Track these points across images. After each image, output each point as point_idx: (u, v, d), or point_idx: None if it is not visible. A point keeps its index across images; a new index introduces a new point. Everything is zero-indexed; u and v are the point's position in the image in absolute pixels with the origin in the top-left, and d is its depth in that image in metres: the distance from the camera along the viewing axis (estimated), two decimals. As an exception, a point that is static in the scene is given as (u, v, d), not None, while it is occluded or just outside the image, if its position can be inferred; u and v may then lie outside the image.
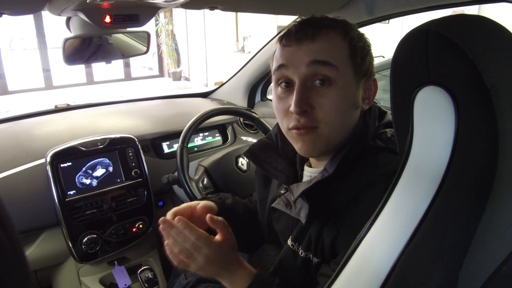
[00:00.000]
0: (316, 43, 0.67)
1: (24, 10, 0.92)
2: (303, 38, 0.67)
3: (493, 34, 0.46)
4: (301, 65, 0.67)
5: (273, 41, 1.59)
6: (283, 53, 0.70)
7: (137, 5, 0.91)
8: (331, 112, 0.67)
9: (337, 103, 0.67)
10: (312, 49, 0.66)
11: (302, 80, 0.67)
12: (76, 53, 1.09)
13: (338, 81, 0.66)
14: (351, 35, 0.69)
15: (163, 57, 8.51)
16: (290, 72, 0.69)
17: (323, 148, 0.71)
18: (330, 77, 0.66)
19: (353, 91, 0.69)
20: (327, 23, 0.69)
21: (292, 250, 0.77)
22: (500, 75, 0.43)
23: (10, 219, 0.30)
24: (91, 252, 1.19)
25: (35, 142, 1.29)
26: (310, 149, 0.71)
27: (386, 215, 0.52)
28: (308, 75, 0.67)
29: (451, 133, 0.45)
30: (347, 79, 0.68)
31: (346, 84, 0.68)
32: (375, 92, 0.74)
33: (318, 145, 0.70)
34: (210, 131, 1.62)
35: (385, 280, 0.49)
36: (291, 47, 0.69)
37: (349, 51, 0.68)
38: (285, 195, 0.79)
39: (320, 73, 0.66)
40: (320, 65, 0.66)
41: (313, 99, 0.67)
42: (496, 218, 0.44)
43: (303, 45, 0.67)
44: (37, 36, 6.94)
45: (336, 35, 0.68)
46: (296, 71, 0.68)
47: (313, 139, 0.69)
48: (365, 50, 0.71)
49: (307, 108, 0.67)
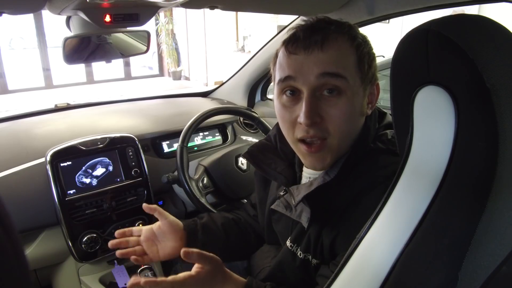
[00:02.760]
0: (325, 52, 0.65)
1: (24, 9, 0.91)
2: (312, 45, 0.65)
3: (493, 34, 0.46)
4: (310, 76, 0.65)
5: (273, 40, 1.59)
6: (289, 62, 0.67)
7: (137, 5, 0.91)
8: (341, 122, 0.66)
9: (346, 113, 0.66)
10: (322, 59, 0.64)
11: (312, 91, 0.65)
12: (76, 52, 1.09)
13: (347, 91, 0.65)
14: (358, 40, 0.68)
15: (163, 56, 8.50)
16: (298, 83, 0.67)
17: (332, 161, 0.70)
18: (340, 88, 0.65)
19: (361, 98, 0.68)
20: (335, 28, 0.67)
21: (291, 251, 0.77)
22: (500, 75, 0.43)
23: (10, 218, 0.30)
24: (91, 251, 1.19)
25: (35, 141, 1.29)
26: (320, 165, 0.70)
27: (386, 215, 0.52)
28: (317, 86, 0.65)
29: (451, 133, 0.45)
30: (355, 88, 0.67)
31: (355, 93, 0.66)
32: (377, 96, 0.73)
33: (327, 160, 0.69)
34: (210, 131, 1.62)
35: (385, 280, 0.49)
36: (299, 56, 0.66)
37: (357, 59, 0.67)
38: (284, 197, 0.79)
39: (330, 83, 0.65)
40: (330, 77, 0.64)
41: (323, 110, 0.66)
42: (496, 218, 0.44)
43: (311, 54, 0.65)
44: (37, 35, 6.93)
45: (344, 41, 0.66)
46: (305, 82, 0.66)
47: (323, 155, 0.69)
48: (371, 56, 0.70)
49: (317, 119, 0.66)
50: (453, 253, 0.45)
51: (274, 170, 0.80)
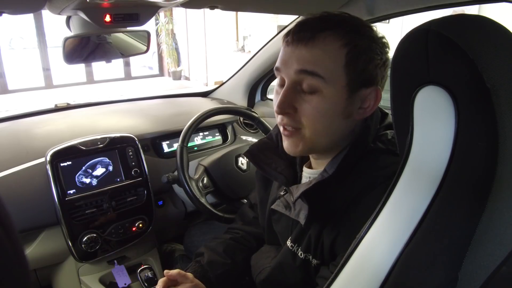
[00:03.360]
0: (309, 49, 0.66)
1: (24, 9, 0.92)
2: (300, 40, 0.67)
3: (493, 34, 0.46)
4: (290, 71, 0.68)
5: (273, 40, 1.59)
6: (282, 53, 0.71)
7: (137, 4, 0.91)
8: (313, 118, 0.68)
9: (319, 110, 0.67)
10: (304, 56, 0.66)
11: (292, 84, 0.68)
12: (76, 52, 1.09)
13: (324, 90, 0.66)
14: (355, 42, 0.65)
15: (163, 56, 8.50)
16: (283, 74, 0.70)
17: (306, 149, 0.73)
18: (316, 86, 0.66)
19: (341, 101, 0.67)
20: (329, 27, 0.66)
21: (291, 251, 0.77)
22: (500, 75, 0.43)
23: (10, 218, 0.30)
24: (91, 251, 1.19)
25: (35, 141, 1.29)
26: (293, 149, 0.73)
27: (385, 215, 0.52)
28: (297, 80, 0.68)
29: (451, 133, 0.45)
30: (335, 89, 0.66)
31: (334, 93, 0.66)
32: (376, 100, 0.70)
33: (300, 147, 0.72)
34: (210, 131, 1.62)
35: (385, 280, 0.49)
36: (289, 48, 0.69)
37: (345, 60, 0.65)
38: (284, 196, 0.79)
39: (306, 81, 0.67)
40: (306, 75, 0.66)
41: (298, 103, 0.68)
42: (496, 218, 0.44)
43: (297, 49, 0.67)
44: (37, 35, 6.93)
45: (334, 41, 0.65)
46: (287, 75, 0.69)
47: (296, 141, 0.71)
48: (370, 59, 0.67)
49: (290, 110, 0.68)
50: (453, 253, 0.45)
51: (274, 170, 0.81)
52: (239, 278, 0.99)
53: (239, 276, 0.99)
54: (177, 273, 0.86)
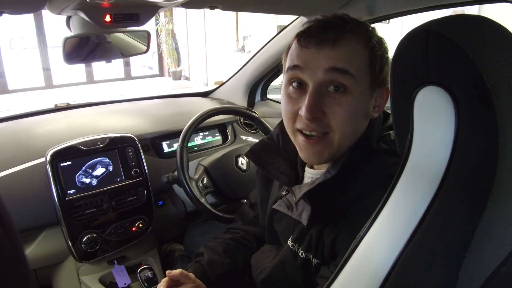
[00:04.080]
0: (336, 50, 0.64)
1: (24, 9, 0.92)
2: (324, 42, 0.65)
3: (493, 34, 0.46)
4: (318, 70, 0.65)
5: (273, 41, 1.59)
6: (300, 54, 0.67)
7: (137, 5, 0.91)
8: (344, 120, 0.66)
9: (350, 112, 0.65)
10: (332, 55, 0.64)
11: (317, 85, 0.65)
12: (76, 52, 1.09)
13: (354, 90, 0.65)
14: (372, 43, 0.67)
15: (163, 56, 8.50)
16: (305, 76, 0.67)
17: (330, 157, 0.70)
18: (347, 86, 0.65)
19: (367, 100, 0.68)
20: (350, 28, 0.66)
21: (292, 251, 0.77)
22: (500, 75, 0.43)
23: (10, 218, 0.30)
24: (91, 251, 1.19)
25: (35, 141, 1.29)
26: (317, 158, 0.70)
27: (385, 215, 0.52)
28: (324, 81, 0.65)
29: (451, 133, 0.45)
30: (362, 89, 0.66)
31: (361, 93, 0.66)
32: (386, 100, 0.72)
33: (324, 155, 0.69)
34: (210, 131, 1.62)
35: (385, 280, 0.49)
36: (310, 50, 0.66)
37: (369, 61, 0.66)
38: (286, 196, 0.79)
39: (337, 80, 0.64)
40: (338, 73, 0.64)
41: (327, 106, 0.65)
42: (496, 218, 0.44)
43: (322, 51, 0.65)
44: (37, 35, 6.93)
45: (358, 42, 0.66)
46: (312, 75, 0.66)
47: (321, 149, 0.68)
48: (384, 59, 0.69)
49: (319, 114, 0.65)
50: (453, 253, 0.45)
51: (276, 169, 0.80)
52: (239, 278, 0.99)
53: (239, 276, 0.99)
54: (179, 273, 0.86)
